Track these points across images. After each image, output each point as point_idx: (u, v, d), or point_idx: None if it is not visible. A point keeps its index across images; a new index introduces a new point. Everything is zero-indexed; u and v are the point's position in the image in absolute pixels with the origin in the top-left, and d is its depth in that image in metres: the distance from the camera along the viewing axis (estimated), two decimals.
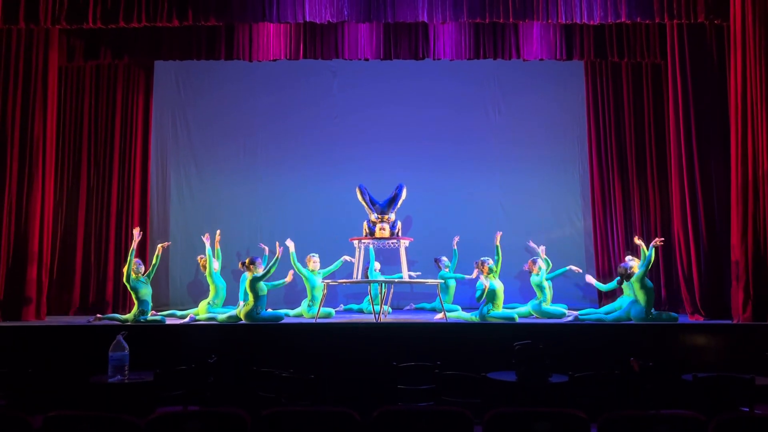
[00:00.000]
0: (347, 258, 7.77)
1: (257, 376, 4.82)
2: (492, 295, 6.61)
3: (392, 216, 7.52)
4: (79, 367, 5.56)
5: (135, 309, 6.70)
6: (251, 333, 6.41)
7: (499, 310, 6.65)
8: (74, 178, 8.27)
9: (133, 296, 6.76)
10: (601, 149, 8.54)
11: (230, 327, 6.58)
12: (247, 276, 6.73)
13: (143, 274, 6.85)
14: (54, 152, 7.56)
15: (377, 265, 7.82)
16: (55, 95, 7.54)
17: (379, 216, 7.42)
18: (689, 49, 7.21)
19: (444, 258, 8.26)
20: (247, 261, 6.80)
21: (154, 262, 7.03)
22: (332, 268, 7.67)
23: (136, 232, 7.00)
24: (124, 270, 6.81)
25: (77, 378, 5.34)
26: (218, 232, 7.65)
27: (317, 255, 7.59)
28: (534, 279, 7.19)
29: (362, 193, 7.73)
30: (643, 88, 8.38)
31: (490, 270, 6.72)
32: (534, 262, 7.22)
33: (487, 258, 6.87)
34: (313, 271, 7.45)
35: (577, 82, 8.86)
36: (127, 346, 4.75)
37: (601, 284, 7.59)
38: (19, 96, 7.14)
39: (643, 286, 6.52)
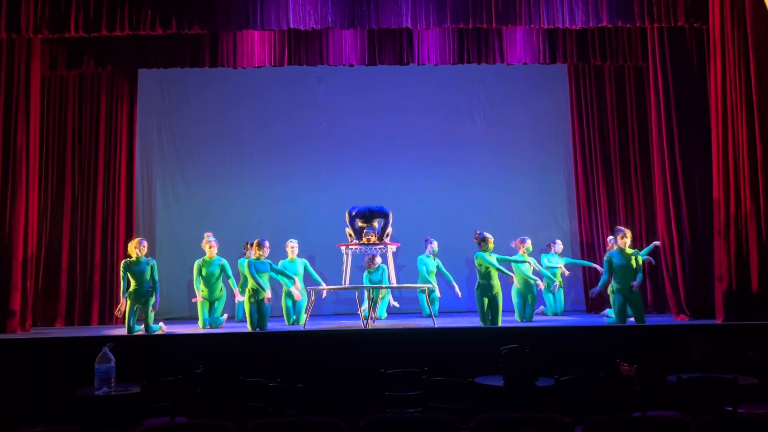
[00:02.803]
0: None
1: (245, 386, 4.80)
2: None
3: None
4: (66, 380, 5.50)
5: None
6: (238, 341, 6.38)
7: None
8: (58, 188, 8.20)
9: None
10: (586, 152, 8.61)
11: (217, 336, 6.55)
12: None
13: (143, 255, 6.79)
14: (37, 162, 7.50)
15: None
16: (38, 105, 7.47)
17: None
18: (670, 52, 7.31)
19: (434, 243, 8.18)
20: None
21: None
22: None
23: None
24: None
25: (63, 391, 5.28)
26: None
27: (296, 240, 7.61)
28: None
29: (351, 220, 7.44)
30: (626, 91, 8.47)
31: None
32: (522, 241, 7.61)
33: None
34: (292, 259, 7.49)
35: (560, 85, 8.93)
36: (113, 358, 4.71)
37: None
38: (1, 106, 7.07)
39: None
